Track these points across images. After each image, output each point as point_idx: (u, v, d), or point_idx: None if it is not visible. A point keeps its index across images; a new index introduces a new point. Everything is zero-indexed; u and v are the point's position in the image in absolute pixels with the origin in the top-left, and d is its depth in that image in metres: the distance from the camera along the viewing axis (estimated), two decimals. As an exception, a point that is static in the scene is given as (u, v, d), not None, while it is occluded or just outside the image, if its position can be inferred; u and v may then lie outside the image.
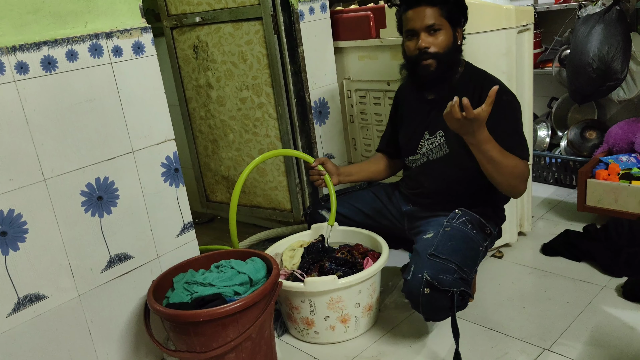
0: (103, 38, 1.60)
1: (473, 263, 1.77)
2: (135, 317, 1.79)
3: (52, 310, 1.58)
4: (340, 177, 2.09)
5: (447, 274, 1.66)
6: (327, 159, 2.09)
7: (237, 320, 1.59)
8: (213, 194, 2.97)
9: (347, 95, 2.66)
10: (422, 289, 1.65)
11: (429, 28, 1.77)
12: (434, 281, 1.64)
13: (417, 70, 1.82)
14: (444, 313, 1.70)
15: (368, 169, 2.16)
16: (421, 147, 1.94)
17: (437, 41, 1.78)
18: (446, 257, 1.69)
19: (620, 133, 2.63)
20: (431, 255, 1.70)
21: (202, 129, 2.82)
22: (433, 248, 1.73)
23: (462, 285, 1.67)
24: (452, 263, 1.68)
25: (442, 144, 1.88)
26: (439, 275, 1.65)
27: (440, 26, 1.77)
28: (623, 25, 2.53)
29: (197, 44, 2.63)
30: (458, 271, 1.68)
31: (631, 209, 2.32)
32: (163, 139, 1.80)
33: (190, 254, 1.92)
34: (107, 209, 1.68)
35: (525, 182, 1.78)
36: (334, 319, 1.85)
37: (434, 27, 1.77)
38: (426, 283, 1.65)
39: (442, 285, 1.64)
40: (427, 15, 1.76)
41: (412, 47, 1.81)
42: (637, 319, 1.82)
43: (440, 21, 1.77)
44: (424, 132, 1.93)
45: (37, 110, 1.49)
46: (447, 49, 1.79)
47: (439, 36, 1.78)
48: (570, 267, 2.19)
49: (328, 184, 2.05)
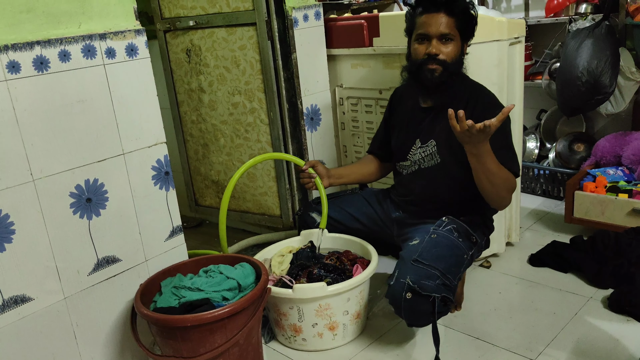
0: (96, 39, 1.60)
1: (457, 270, 1.77)
2: (121, 321, 1.77)
3: (37, 313, 1.56)
4: (331, 180, 2.09)
5: (430, 279, 1.67)
6: (318, 161, 2.09)
7: (225, 326, 1.58)
8: (202, 198, 2.96)
9: (339, 102, 2.67)
10: (404, 293, 1.66)
11: (442, 36, 1.78)
12: (416, 286, 1.65)
13: (420, 73, 1.82)
14: (425, 318, 1.70)
15: (359, 171, 2.17)
16: (412, 154, 1.95)
17: (447, 50, 1.79)
18: (430, 263, 1.71)
19: (607, 146, 2.66)
20: (415, 261, 1.72)
21: (193, 132, 2.81)
22: (417, 254, 1.74)
23: (445, 291, 1.68)
24: (436, 269, 1.69)
25: (433, 153, 1.89)
26: (422, 280, 1.66)
27: (453, 37, 1.79)
28: (612, 40, 2.57)
29: (190, 47, 2.62)
30: (441, 277, 1.69)
31: (617, 221, 2.34)
32: (154, 141, 1.80)
33: (178, 258, 1.91)
34: (96, 211, 1.66)
35: (511, 191, 1.80)
36: (322, 326, 1.84)
37: (448, 36, 1.78)
38: (408, 288, 1.66)
39: (423, 290, 1.65)
40: (443, 23, 1.78)
41: (421, 50, 1.81)
42: (623, 331, 1.84)
43: (454, 32, 1.79)
44: (416, 140, 1.94)
45: (27, 110, 1.48)
46: (454, 59, 1.81)
47: (450, 46, 1.79)
48: (557, 278, 2.20)
49: (319, 187, 2.05)
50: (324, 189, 2.06)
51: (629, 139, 2.60)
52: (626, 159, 2.55)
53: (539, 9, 3.16)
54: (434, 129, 1.89)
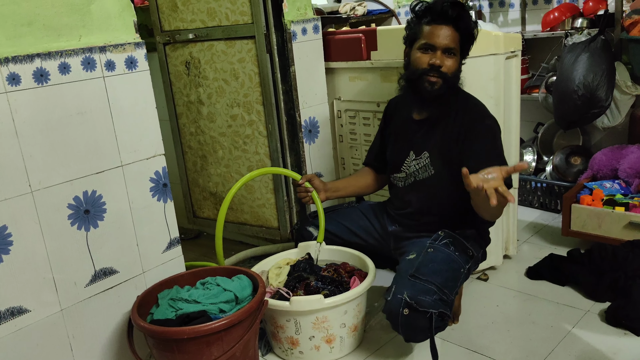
0: (96, 52, 1.61)
1: (454, 285, 1.77)
2: (118, 333, 1.76)
3: (34, 325, 1.56)
4: (328, 194, 2.09)
5: (427, 295, 1.67)
6: (314, 175, 2.09)
7: (222, 339, 1.57)
8: (200, 209, 2.96)
9: (337, 115, 2.68)
10: (401, 309, 1.65)
11: (447, 49, 1.80)
12: (413, 302, 1.64)
13: (420, 83, 1.82)
14: (423, 334, 1.70)
15: (355, 184, 2.17)
16: (406, 166, 1.96)
17: (449, 64, 1.80)
18: (427, 278, 1.70)
19: (604, 159, 2.67)
20: (412, 276, 1.71)
21: (191, 144, 2.82)
22: (414, 269, 1.73)
23: (442, 306, 1.67)
24: (433, 284, 1.69)
25: (427, 165, 1.90)
26: (419, 296, 1.66)
27: (456, 52, 1.81)
28: (608, 54, 2.59)
29: (189, 60, 2.64)
30: (438, 292, 1.68)
31: (614, 234, 2.35)
32: (153, 153, 1.80)
33: (176, 270, 1.91)
34: (94, 222, 1.67)
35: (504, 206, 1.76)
36: (319, 339, 1.84)
37: (452, 50, 1.80)
38: (405, 304, 1.65)
39: (421, 306, 1.64)
40: (450, 36, 1.79)
41: (424, 60, 1.80)
42: (620, 345, 1.83)
43: (457, 47, 1.81)
44: (409, 152, 1.95)
45: (27, 122, 1.49)
46: (453, 73, 1.82)
47: (452, 60, 1.81)
48: (555, 291, 2.20)
49: (316, 201, 2.05)
50: (321, 202, 2.06)
51: (625, 153, 2.61)
52: (622, 172, 2.56)
53: (536, 23, 3.19)
54: (428, 140, 1.90)
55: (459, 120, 1.83)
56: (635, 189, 2.49)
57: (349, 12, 3.35)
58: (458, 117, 1.84)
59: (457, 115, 1.84)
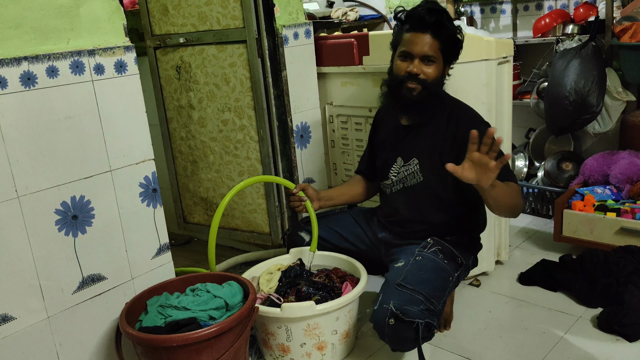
0: (85, 55, 1.59)
1: (441, 294, 1.75)
2: (106, 341, 1.73)
3: (20, 332, 1.53)
4: (321, 202, 2.08)
5: (414, 304, 1.64)
6: (308, 184, 2.08)
7: (212, 346, 1.55)
8: (191, 215, 2.94)
9: (329, 120, 2.67)
10: (387, 319, 1.63)
11: (425, 57, 1.79)
12: (399, 312, 1.62)
13: (399, 90, 1.82)
14: (409, 344, 1.68)
15: (348, 192, 2.16)
16: (394, 172, 1.95)
17: (428, 71, 1.79)
18: (414, 287, 1.68)
19: (595, 165, 2.68)
20: (399, 285, 1.70)
21: (182, 149, 2.80)
22: (402, 278, 1.72)
23: (428, 316, 1.65)
24: (420, 294, 1.67)
25: (416, 171, 1.89)
26: (405, 306, 1.63)
27: (435, 59, 1.79)
28: (599, 60, 2.60)
29: (180, 64, 2.62)
30: (425, 302, 1.66)
31: (606, 240, 2.35)
32: (142, 158, 1.78)
33: (165, 276, 1.88)
34: (82, 228, 1.64)
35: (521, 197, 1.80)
36: (311, 346, 1.82)
37: (430, 58, 1.79)
38: (391, 314, 1.63)
39: (407, 316, 1.62)
40: (428, 44, 1.77)
41: (403, 67, 1.81)
42: (612, 351, 1.83)
43: (437, 54, 1.79)
44: (397, 158, 1.94)
45: (13, 126, 1.46)
46: (434, 80, 1.81)
47: (431, 67, 1.79)
48: (547, 297, 2.20)
49: (309, 210, 2.03)
50: (314, 212, 2.05)
51: (617, 158, 2.62)
52: (614, 178, 2.57)
53: (527, 29, 3.20)
54: (416, 146, 1.89)
55: (451, 127, 1.82)
56: (626, 194, 2.50)
57: (341, 17, 3.35)
58: (451, 124, 1.83)
59: (450, 122, 1.84)
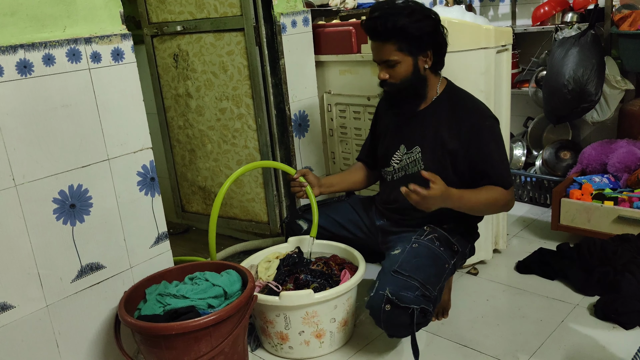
0: (82, 43, 1.58)
1: (437, 280, 1.76)
2: (105, 329, 1.74)
3: (19, 321, 1.53)
4: (322, 189, 2.08)
5: (409, 290, 1.66)
6: (309, 170, 2.07)
7: (211, 334, 1.56)
8: (189, 204, 2.93)
9: (327, 108, 2.66)
10: (383, 305, 1.65)
11: (384, 62, 1.80)
12: (394, 298, 1.64)
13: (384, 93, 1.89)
14: (404, 329, 1.69)
15: (349, 179, 2.16)
16: (396, 160, 1.95)
17: (394, 73, 1.80)
18: (409, 273, 1.70)
19: (593, 154, 2.68)
20: (395, 272, 1.71)
21: (180, 138, 2.79)
22: (397, 264, 1.73)
23: (424, 302, 1.67)
24: (415, 280, 1.69)
25: (417, 159, 1.89)
26: (400, 292, 1.65)
27: (397, 61, 1.77)
28: (597, 49, 2.59)
29: (177, 52, 2.61)
30: (420, 288, 1.68)
31: (603, 229, 2.36)
32: (140, 147, 1.78)
33: (164, 265, 1.89)
34: (80, 217, 1.64)
35: (510, 204, 1.84)
36: (309, 334, 1.83)
37: (390, 62, 1.78)
38: (387, 299, 1.65)
39: (402, 302, 1.63)
40: (383, 50, 1.78)
41: (377, 73, 1.85)
42: (609, 338, 1.84)
43: (397, 55, 1.77)
44: (400, 146, 1.94)
45: (10, 115, 1.45)
46: (405, 79, 1.80)
47: (397, 69, 1.79)
48: (544, 285, 2.21)
49: (310, 196, 2.03)
50: (315, 197, 2.05)
51: (615, 147, 2.62)
52: (612, 167, 2.57)
53: (526, 17, 3.19)
54: (419, 134, 1.89)
55: (456, 118, 1.82)
56: (624, 183, 2.50)
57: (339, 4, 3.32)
58: (455, 115, 1.83)
59: (454, 113, 1.84)
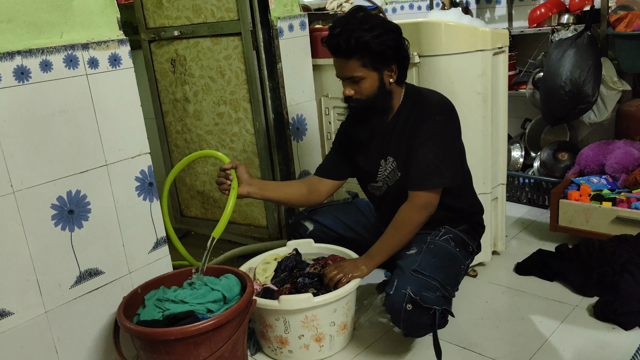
0: (79, 49, 1.58)
1: (455, 281, 1.78)
2: (104, 335, 1.74)
3: (18, 328, 1.53)
4: (251, 189, 1.89)
5: (430, 291, 1.66)
6: (243, 164, 1.91)
7: (210, 339, 1.56)
8: (187, 209, 2.93)
9: (325, 112, 2.67)
10: (404, 304, 1.64)
11: (348, 79, 1.76)
12: (417, 298, 1.63)
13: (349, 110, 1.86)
14: (424, 330, 1.70)
15: (285, 189, 2.02)
16: (382, 174, 1.92)
17: (360, 89, 1.77)
18: (429, 273, 1.69)
19: (591, 155, 2.68)
20: (415, 271, 1.70)
21: (178, 143, 2.79)
22: (417, 264, 1.72)
23: (445, 303, 1.67)
24: (435, 280, 1.69)
25: (394, 169, 1.88)
26: (422, 292, 1.65)
27: (361, 77, 1.74)
28: (594, 50, 2.60)
29: (175, 57, 2.61)
30: (441, 289, 1.68)
31: (602, 229, 2.36)
32: (138, 152, 1.78)
33: (162, 270, 1.89)
34: (78, 223, 1.64)
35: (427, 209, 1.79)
36: (309, 338, 1.83)
37: (354, 79, 1.75)
38: (409, 299, 1.64)
39: (424, 302, 1.63)
40: (346, 67, 1.74)
41: (342, 90, 1.81)
42: (608, 339, 1.84)
43: (361, 71, 1.73)
44: (380, 160, 1.91)
45: (8, 121, 1.45)
46: (371, 94, 1.77)
47: (362, 84, 1.76)
48: (543, 286, 2.21)
49: (231, 192, 1.83)
50: (237, 195, 1.84)
51: (612, 148, 2.63)
52: (609, 168, 2.57)
53: (522, 19, 3.20)
54: (392, 145, 1.87)
55: (410, 120, 1.81)
56: (622, 184, 2.51)
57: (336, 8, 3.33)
58: (410, 117, 1.82)
59: (410, 115, 1.82)
